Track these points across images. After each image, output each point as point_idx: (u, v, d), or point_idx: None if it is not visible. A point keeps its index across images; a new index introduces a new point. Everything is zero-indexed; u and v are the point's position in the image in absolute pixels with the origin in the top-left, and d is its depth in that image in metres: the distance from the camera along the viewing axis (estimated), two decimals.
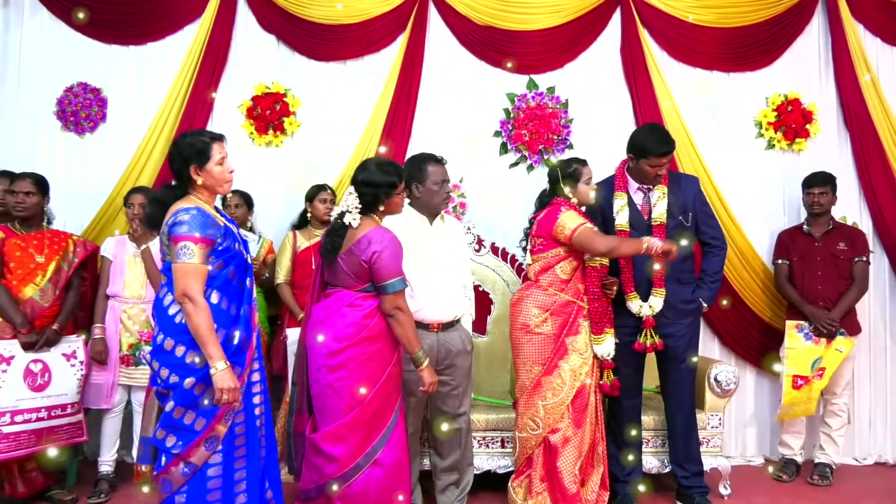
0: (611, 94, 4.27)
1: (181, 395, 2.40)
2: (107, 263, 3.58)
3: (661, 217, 3.31)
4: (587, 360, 3.14)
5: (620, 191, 3.38)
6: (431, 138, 4.15)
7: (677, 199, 3.32)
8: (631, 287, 3.31)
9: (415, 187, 3.08)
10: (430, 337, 3.04)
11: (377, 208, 2.74)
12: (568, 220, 3.12)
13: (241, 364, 2.47)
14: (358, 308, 2.69)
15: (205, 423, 2.41)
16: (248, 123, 4.19)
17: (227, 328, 2.45)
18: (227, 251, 2.48)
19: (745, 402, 4.32)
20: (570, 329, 3.13)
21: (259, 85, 4.19)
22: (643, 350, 3.30)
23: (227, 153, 2.54)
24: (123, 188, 3.97)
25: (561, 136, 4.25)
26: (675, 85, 4.25)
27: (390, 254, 2.65)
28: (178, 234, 2.39)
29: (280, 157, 4.22)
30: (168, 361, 2.41)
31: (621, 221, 3.34)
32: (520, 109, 4.23)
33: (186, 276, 2.37)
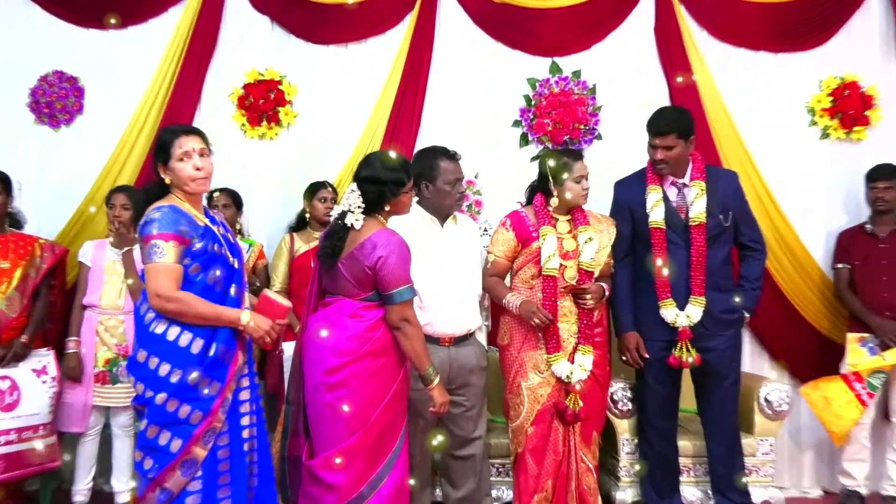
0: (644, 79, 4.23)
1: (154, 411, 2.40)
2: (84, 270, 3.56)
3: (699, 216, 3.24)
4: (549, 381, 3.08)
5: (654, 184, 3.33)
6: (443, 129, 4.13)
7: (716, 196, 3.28)
8: (667, 293, 3.25)
9: (424, 186, 3.05)
10: (440, 352, 3.00)
11: (382, 208, 2.71)
12: (494, 242, 3.18)
13: (219, 378, 2.45)
14: (360, 319, 2.66)
15: (181, 445, 2.39)
16: (239, 114, 4.18)
17: (206, 339, 2.44)
18: (203, 253, 2.47)
19: (799, 425, 4.25)
20: (527, 343, 3.10)
21: (251, 71, 4.18)
22: (678, 365, 3.24)
23: (195, 148, 2.50)
24: (103, 187, 3.98)
25: (588, 126, 4.22)
26: (716, 67, 4.21)
27: (397, 259, 2.62)
28: (147, 232, 2.41)
29: (275, 150, 4.20)
30: (142, 375, 2.42)
31: (656, 219, 3.28)
32: (542, 96, 4.21)
33: (157, 276, 2.38)
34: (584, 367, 3.06)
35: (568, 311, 3.10)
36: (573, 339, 3.09)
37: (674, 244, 3.24)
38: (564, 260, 3.11)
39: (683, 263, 3.22)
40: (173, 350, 2.41)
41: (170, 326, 2.42)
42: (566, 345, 3.08)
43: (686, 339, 3.23)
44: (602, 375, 3.20)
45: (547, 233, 3.10)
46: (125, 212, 3.50)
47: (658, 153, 3.24)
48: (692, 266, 3.22)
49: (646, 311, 3.29)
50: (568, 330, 3.10)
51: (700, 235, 3.22)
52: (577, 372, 3.05)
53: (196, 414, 2.41)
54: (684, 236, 3.22)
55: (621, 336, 3.34)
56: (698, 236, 3.22)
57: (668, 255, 3.22)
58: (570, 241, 3.15)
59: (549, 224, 3.13)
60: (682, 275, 3.23)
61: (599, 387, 3.18)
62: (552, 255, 3.07)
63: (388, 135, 4.07)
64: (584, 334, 3.09)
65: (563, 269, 3.11)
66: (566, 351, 3.07)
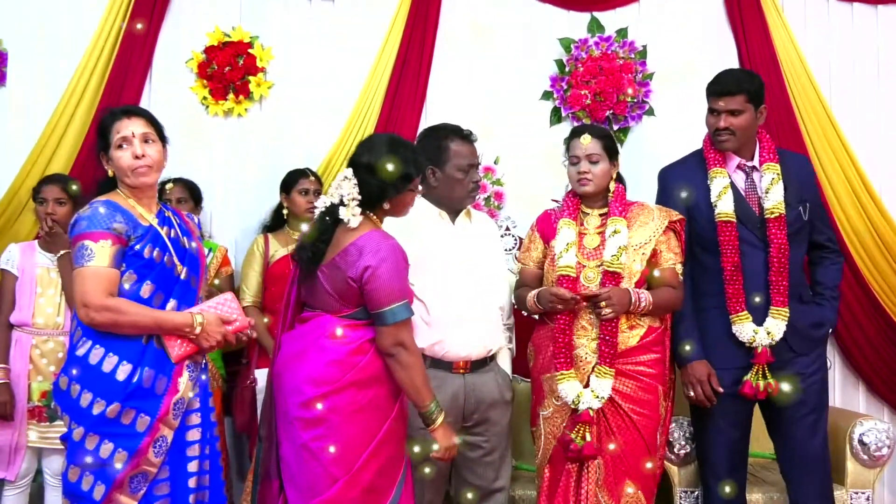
0: (707, 39, 4.17)
1: (73, 449, 2.40)
2: (9, 280, 3.45)
3: (777, 207, 3.10)
4: (564, 410, 2.99)
5: (718, 166, 3.19)
6: (454, 103, 4.09)
7: (791, 184, 3.17)
8: (741, 304, 3.11)
9: (430, 172, 2.99)
10: (453, 381, 2.94)
11: (380, 206, 2.66)
12: (521, 248, 3.23)
13: (148, 411, 2.41)
14: (342, 340, 2.59)
15: (104, 491, 2.37)
16: (199, 85, 4.10)
17: (135, 362, 2.42)
18: (138, 258, 2.45)
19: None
20: (545, 363, 3.05)
21: (215, 31, 4.10)
22: (754, 396, 3.08)
23: (133, 132, 2.50)
24: (30, 177, 3.86)
25: (637, 98, 4.12)
26: (799, 24, 4.13)
27: (390, 269, 2.55)
28: (77, 232, 2.42)
29: (244, 130, 4.13)
30: (65, 404, 2.44)
31: (725, 210, 3.13)
32: (578, 61, 4.13)
33: (84, 282, 2.38)
34: (598, 394, 2.93)
35: (587, 325, 3.00)
36: (593, 358, 2.99)
37: (746, 243, 3.12)
38: (586, 259, 3.05)
39: (759, 267, 3.11)
40: (96, 376, 2.39)
41: (93, 347, 2.41)
42: (583, 364, 2.98)
43: (764, 363, 3.09)
44: (643, 416, 2.99)
45: (563, 225, 3.08)
46: (59, 207, 3.43)
47: (721, 119, 3.12)
48: (772, 269, 3.08)
49: (710, 332, 3.15)
50: (587, 347, 3.00)
51: (780, 230, 3.10)
52: (587, 397, 2.93)
53: (120, 454, 2.37)
54: (759, 233, 3.11)
55: (688, 366, 3.15)
56: (778, 231, 3.09)
57: (740, 258, 3.12)
58: (594, 237, 3.07)
59: (572, 217, 3.09)
60: (759, 281, 3.11)
61: (636, 428, 2.97)
62: (566, 251, 3.03)
63: (385, 110, 4.02)
64: (604, 354, 2.96)
65: (581, 269, 3.03)
66: (581, 371, 2.98)
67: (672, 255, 3.07)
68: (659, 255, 3.05)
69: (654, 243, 3.04)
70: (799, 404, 3.12)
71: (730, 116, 3.10)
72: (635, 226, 3.05)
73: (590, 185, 3.03)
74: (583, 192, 3.05)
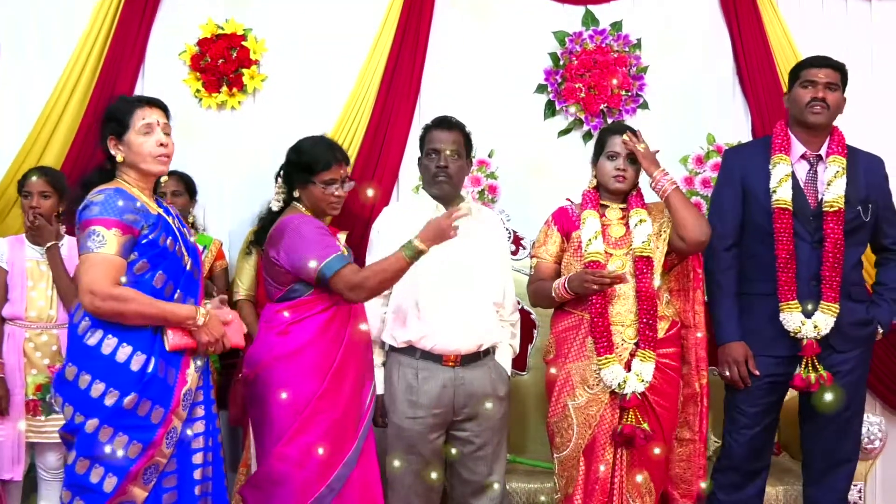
0: (702, 32, 4.16)
1: (83, 441, 2.38)
2: (1, 274, 3.45)
3: (837, 201, 3.10)
4: (600, 398, 2.99)
5: (781, 152, 3.20)
6: (448, 95, 4.08)
7: (856, 182, 3.17)
8: (791, 293, 3.11)
9: (419, 163, 3.17)
10: (442, 374, 2.97)
11: (294, 196, 2.84)
12: (536, 243, 3.23)
13: (163, 402, 2.44)
14: (271, 323, 2.76)
15: (115, 483, 2.37)
16: (192, 77, 4.08)
17: (148, 353, 2.43)
18: (153, 246, 2.47)
19: (894, 466, 4.12)
20: (574, 353, 3.06)
21: (208, 23, 4.08)
22: (806, 388, 3.09)
23: (157, 120, 2.55)
24: (21, 170, 3.80)
25: (631, 92, 4.12)
26: (794, 18, 4.11)
27: (303, 235, 2.69)
28: (87, 217, 2.42)
29: (238, 123, 4.12)
30: (71, 395, 2.42)
31: (783, 197, 3.13)
32: (573, 54, 4.12)
33: (93, 268, 2.38)
34: (642, 378, 2.95)
35: (623, 311, 3.02)
36: (630, 344, 3.02)
37: (797, 236, 3.13)
38: (612, 248, 3.09)
39: (810, 260, 3.12)
40: (109, 366, 2.39)
41: (105, 337, 2.41)
42: (621, 351, 3.00)
43: (812, 355, 3.10)
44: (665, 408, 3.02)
45: (588, 216, 3.10)
46: (44, 200, 3.42)
47: (819, 90, 3.12)
48: (826, 264, 3.09)
49: (754, 317, 3.17)
50: (623, 334, 3.02)
51: (837, 225, 3.10)
52: (632, 381, 2.94)
53: (134, 446, 2.38)
54: (813, 226, 3.11)
55: (725, 346, 3.19)
56: (835, 226, 3.09)
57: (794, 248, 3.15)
58: (618, 227, 3.12)
59: (594, 209, 3.13)
60: (808, 274, 3.12)
61: (657, 420, 2.99)
62: (594, 238, 3.06)
63: (379, 102, 4.00)
64: (646, 337, 2.98)
65: (608, 257, 3.07)
66: (621, 357, 2.99)
67: None
68: None
69: (668, 226, 3.08)
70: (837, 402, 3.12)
71: (827, 89, 3.11)
72: (652, 215, 3.11)
73: (624, 183, 3.07)
74: (615, 188, 3.08)
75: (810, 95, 3.12)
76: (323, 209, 2.82)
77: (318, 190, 2.78)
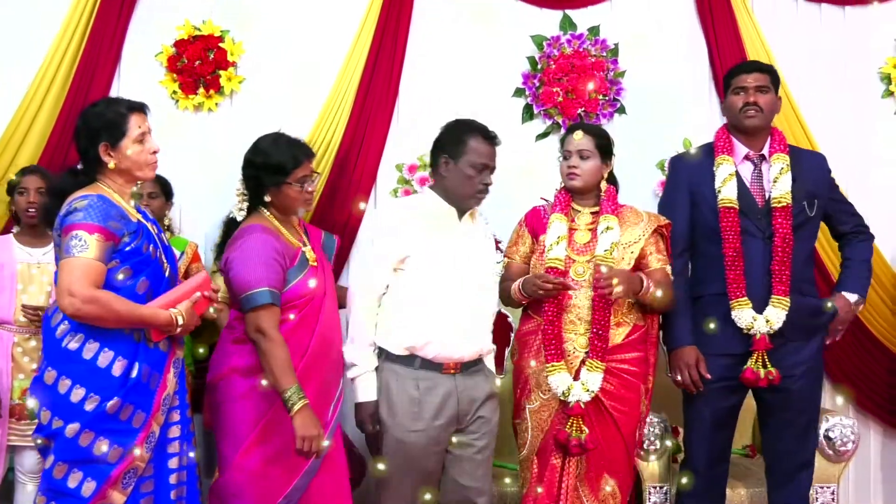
0: (678, 38, 4.20)
1: (63, 446, 2.39)
2: None
3: (784, 197, 3.16)
4: (550, 404, 3.01)
5: (726, 154, 3.25)
6: (427, 98, 4.11)
7: (800, 180, 3.21)
8: (741, 290, 3.15)
9: (444, 161, 2.95)
10: (445, 383, 2.89)
11: (262, 200, 2.82)
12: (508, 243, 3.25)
13: (144, 407, 2.46)
14: (230, 330, 2.80)
15: (94, 488, 2.38)
16: (169, 79, 4.08)
17: (130, 358, 2.45)
18: (136, 253, 2.49)
19: (867, 468, 4.20)
20: (531, 356, 3.08)
21: (185, 25, 4.08)
22: (755, 382, 3.11)
23: (149, 128, 2.60)
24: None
25: (608, 96, 4.15)
26: (768, 24, 4.17)
27: (244, 257, 2.67)
28: (71, 222, 2.42)
29: (214, 124, 4.12)
30: (49, 400, 2.42)
31: (728, 196, 3.18)
32: (550, 58, 4.14)
33: (73, 271, 2.38)
34: (589, 388, 2.94)
35: (576, 319, 3.01)
36: (582, 352, 3.00)
37: (748, 233, 3.17)
38: (576, 254, 3.08)
39: (760, 256, 3.16)
40: (90, 371, 2.40)
41: (87, 342, 2.41)
42: (571, 358, 2.99)
43: (763, 350, 3.12)
44: (623, 413, 3.00)
45: (554, 219, 3.10)
46: (41, 197, 3.40)
47: (750, 95, 3.19)
48: (775, 258, 3.13)
49: (707, 318, 3.17)
50: (575, 342, 3.01)
51: (785, 220, 3.15)
52: (577, 390, 2.94)
53: (115, 450, 2.40)
54: (762, 223, 3.16)
55: (676, 350, 3.21)
56: (783, 221, 3.15)
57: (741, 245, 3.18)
58: (584, 233, 3.11)
59: (563, 212, 3.13)
60: (759, 270, 3.16)
61: (616, 425, 2.99)
62: (556, 243, 3.06)
63: (357, 105, 4.00)
64: (595, 348, 2.96)
65: (570, 263, 3.05)
66: (570, 365, 2.99)
67: (661, 256, 3.11)
68: (647, 257, 3.08)
69: (642, 243, 3.08)
70: (790, 404, 3.17)
71: (757, 92, 3.17)
72: (625, 226, 3.09)
73: (577, 180, 3.06)
74: (570, 185, 3.08)
75: (742, 101, 3.18)
76: (297, 207, 2.84)
77: (294, 189, 2.78)
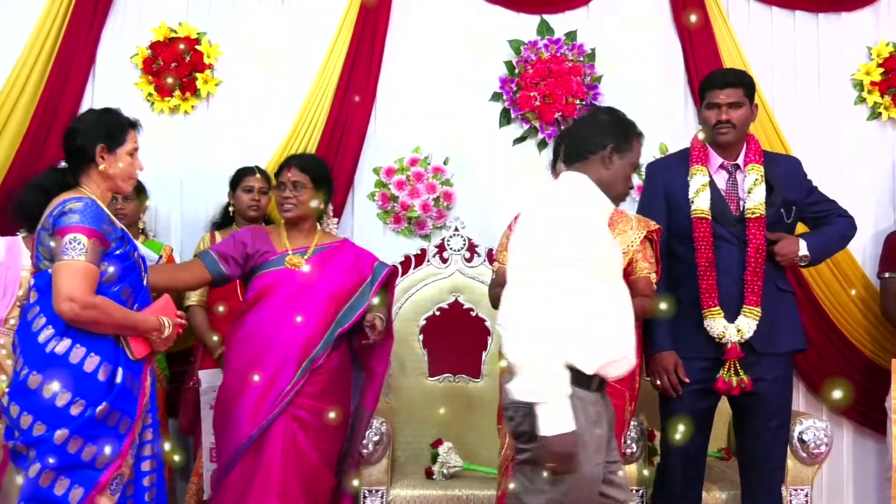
0: (655, 43, 4.22)
1: (48, 452, 2.36)
2: None
3: (758, 208, 3.18)
4: None
5: (700, 164, 3.26)
6: (404, 102, 4.13)
7: (776, 187, 3.24)
8: (713, 300, 3.17)
9: (611, 150, 2.55)
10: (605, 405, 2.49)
11: None
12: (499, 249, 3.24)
13: (129, 413, 2.48)
14: None
15: (82, 495, 2.38)
16: (144, 81, 4.07)
17: (113, 363, 2.47)
18: (124, 259, 2.54)
19: (839, 470, 4.21)
20: None
21: (161, 27, 4.07)
22: (727, 391, 3.16)
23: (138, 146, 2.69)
24: None
25: (585, 101, 4.16)
26: (743, 31, 4.20)
27: None
28: (67, 224, 2.43)
29: (190, 127, 4.11)
30: (33, 405, 2.39)
31: (701, 206, 3.20)
32: (528, 63, 4.15)
33: (75, 276, 2.39)
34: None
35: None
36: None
37: (722, 240, 3.19)
38: None
39: (735, 263, 3.18)
40: (76, 376, 2.40)
41: (73, 346, 2.42)
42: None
43: (734, 359, 3.15)
44: None
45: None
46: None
47: (723, 112, 3.17)
48: (748, 268, 3.16)
49: (682, 326, 3.20)
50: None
51: (758, 230, 3.18)
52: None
53: (102, 456, 2.41)
54: (737, 230, 3.19)
55: (656, 355, 3.23)
56: (756, 231, 3.17)
57: (714, 254, 3.19)
58: None
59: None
60: (733, 277, 3.18)
61: None
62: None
63: (334, 108, 4.01)
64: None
65: None
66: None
67: (647, 264, 3.09)
68: (634, 264, 3.07)
69: (631, 253, 3.07)
70: (763, 410, 3.19)
71: (730, 109, 3.16)
72: (615, 233, 3.08)
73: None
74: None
75: (715, 118, 3.17)
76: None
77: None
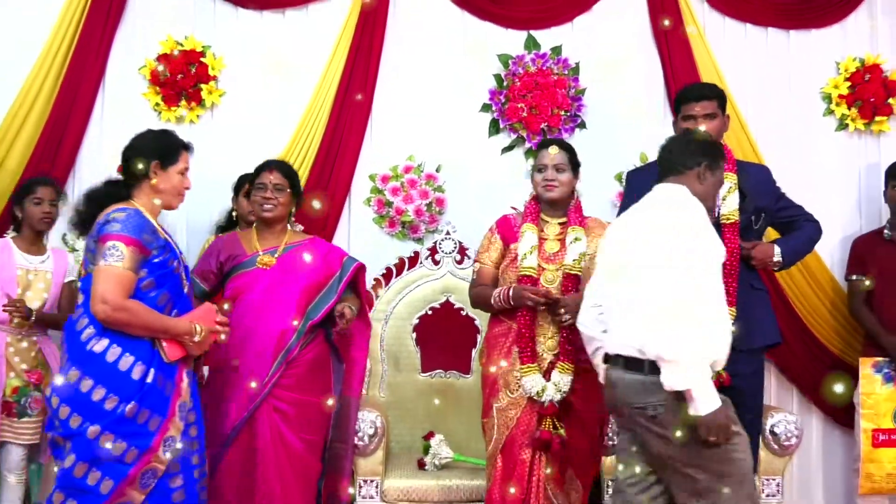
0: (635, 58, 4.27)
1: (82, 445, 2.46)
2: None
3: (732, 214, 3.24)
4: (518, 402, 3.07)
5: None
6: (399, 113, 4.19)
7: (749, 195, 3.30)
8: None
9: (705, 166, 2.76)
10: None
11: None
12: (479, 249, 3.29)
13: (160, 411, 2.55)
14: None
15: (112, 486, 2.46)
16: (152, 91, 4.11)
17: (147, 363, 2.54)
18: (162, 267, 2.63)
19: (809, 461, 4.28)
20: (500, 358, 3.13)
21: (168, 40, 4.12)
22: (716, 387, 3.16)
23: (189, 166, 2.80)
24: None
25: (570, 112, 4.23)
26: (719, 46, 4.27)
27: None
28: (108, 232, 2.55)
29: (196, 137, 3.77)
30: (71, 399, 2.48)
31: None
32: (515, 76, 4.21)
33: (109, 280, 2.49)
34: (560, 388, 3.03)
35: (546, 323, 3.09)
36: (551, 355, 3.07)
37: None
38: (546, 263, 3.13)
39: None
40: (111, 373, 2.50)
41: (111, 346, 2.51)
42: (540, 361, 3.07)
43: None
44: (590, 413, 3.09)
45: (526, 229, 3.15)
46: (53, 208, 3.51)
47: (698, 122, 3.23)
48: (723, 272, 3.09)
49: None
50: (544, 345, 3.09)
51: (734, 236, 3.23)
52: (549, 390, 3.02)
53: (132, 451, 2.48)
54: None
55: None
56: (731, 236, 3.21)
57: None
58: (553, 243, 3.17)
59: (534, 223, 3.18)
60: None
61: (581, 424, 3.08)
62: (529, 253, 3.11)
63: (332, 118, 4.07)
64: (565, 350, 3.05)
65: (541, 271, 3.12)
66: (542, 367, 3.06)
67: None
68: None
69: None
70: (739, 404, 3.08)
71: (705, 120, 3.22)
72: (591, 236, 3.14)
73: (555, 192, 3.11)
74: (548, 197, 3.12)
75: (691, 128, 3.20)
76: None
77: None
